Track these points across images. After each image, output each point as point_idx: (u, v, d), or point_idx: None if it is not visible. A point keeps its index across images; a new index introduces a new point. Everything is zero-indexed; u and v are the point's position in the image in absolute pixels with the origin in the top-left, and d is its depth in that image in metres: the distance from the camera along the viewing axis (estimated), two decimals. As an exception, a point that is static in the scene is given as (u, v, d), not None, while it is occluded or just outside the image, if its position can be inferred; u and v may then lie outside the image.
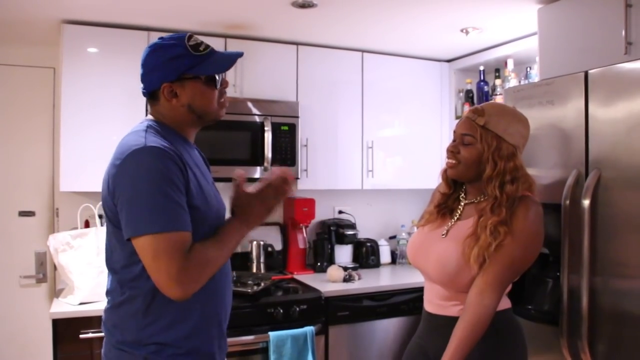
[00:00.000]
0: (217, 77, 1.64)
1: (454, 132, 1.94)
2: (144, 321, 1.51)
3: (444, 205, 2.02)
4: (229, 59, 1.65)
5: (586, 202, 2.04)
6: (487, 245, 1.76)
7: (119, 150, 1.51)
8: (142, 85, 1.63)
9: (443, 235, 1.93)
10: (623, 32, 2.23)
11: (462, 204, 1.97)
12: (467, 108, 3.82)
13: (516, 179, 1.82)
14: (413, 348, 2.05)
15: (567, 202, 2.11)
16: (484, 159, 1.84)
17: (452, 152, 1.91)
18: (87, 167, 2.95)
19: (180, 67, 1.57)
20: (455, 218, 1.95)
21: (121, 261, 1.53)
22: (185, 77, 1.58)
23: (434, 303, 1.95)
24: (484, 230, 1.78)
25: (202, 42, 1.61)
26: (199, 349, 1.58)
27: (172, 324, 1.51)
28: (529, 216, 1.79)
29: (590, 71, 2.11)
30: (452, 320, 1.82)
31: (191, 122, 1.66)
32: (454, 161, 1.91)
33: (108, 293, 1.60)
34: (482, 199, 1.89)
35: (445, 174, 2.02)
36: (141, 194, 1.42)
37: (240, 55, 1.66)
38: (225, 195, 1.74)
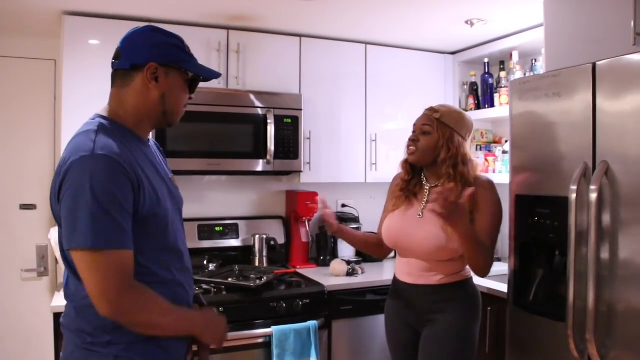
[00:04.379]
0: (196, 84, 1.68)
1: (414, 125, 2.39)
2: (113, 322, 1.44)
3: (407, 190, 2.44)
4: (211, 73, 1.69)
5: (593, 196, 2.01)
6: None
7: (68, 150, 1.46)
8: (120, 60, 1.58)
9: (419, 216, 2.35)
10: (632, 23, 2.19)
11: (427, 188, 2.39)
12: (471, 101, 3.80)
13: (465, 163, 2.30)
14: (394, 325, 2.46)
15: (574, 195, 2.08)
16: (439, 146, 2.29)
17: (413, 140, 2.36)
18: (88, 160, 2.92)
19: (174, 55, 1.59)
20: (424, 201, 2.35)
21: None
22: (172, 66, 1.59)
23: (414, 275, 2.35)
24: None
25: (190, 50, 1.66)
26: (169, 341, 1.56)
27: None
28: (490, 191, 2.28)
29: (598, 63, 2.08)
30: (435, 287, 2.30)
31: (154, 116, 1.62)
32: (413, 148, 2.35)
33: (68, 296, 1.55)
34: (443, 182, 2.30)
35: (405, 163, 2.46)
36: (81, 207, 1.37)
37: (220, 75, 1.73)
38: (231, 187, 1.72)
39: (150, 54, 1.56)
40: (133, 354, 1.48)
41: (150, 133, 1.74)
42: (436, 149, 2.31)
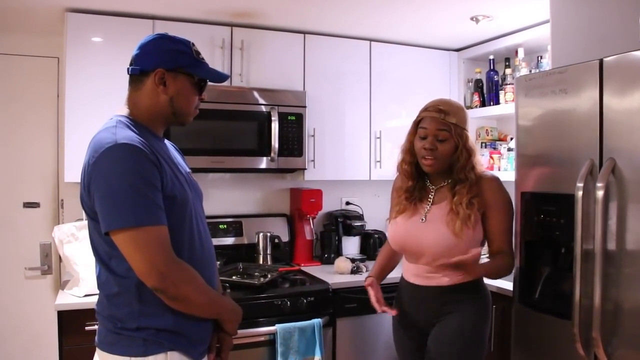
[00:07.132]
0: (204, 86, 1.78)
1: (425, 129, 2.21)
2: (140, 309, 1.58)
3: (412, 196, 2.33)
4: (218, 75, 1.80)
5: (600, 193, 1.99)
6: (467, 216, 2.16)
7: (92, 148, 1.57)
8: (133, 66, 1.70)
9: (422, 220, 2.27)
10: (639, 19, 2.17)
11: (433, 189, 2.32)
12: (476, 98, 3.78)
13: (477, 160, 2.25)
14: (403, 327, 2.40)
15: (580, 192, 2.06)
16: (459, 151, 2.20)
17: (431, 149, 2.20)
18: (92, 157, 2.91)
19: (180, 60, 1.70)
20: (430, 203, 2.29)
21: (109, 254, 1.58)
22: (179, 71, 1.70)
23: (422, 277, 2.29)
24: (460, 205, 2.18)
25: (200, 53, 1.76)
26: (195, 331, 1.66)
27: (167, 309, 1.58)
28: (499, 189, 2.26)
29: (605, 59, 2.05)
30: (444, 288, 2.23)
31: (165, 116, 1.74)
32: (432, 158, 2.21)
33: (100, 286, 1.66)
34: (448, 183, 2.27)
35: (406, 165, 2.33)
36: (115, 190, 1.49)
37: (228, 77, 1.83)
38: (235, 185, 1.74)
39: (158, 60, 1.67)
40: (160, 339, 1.58)
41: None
42: (453, 155, 2.21)
